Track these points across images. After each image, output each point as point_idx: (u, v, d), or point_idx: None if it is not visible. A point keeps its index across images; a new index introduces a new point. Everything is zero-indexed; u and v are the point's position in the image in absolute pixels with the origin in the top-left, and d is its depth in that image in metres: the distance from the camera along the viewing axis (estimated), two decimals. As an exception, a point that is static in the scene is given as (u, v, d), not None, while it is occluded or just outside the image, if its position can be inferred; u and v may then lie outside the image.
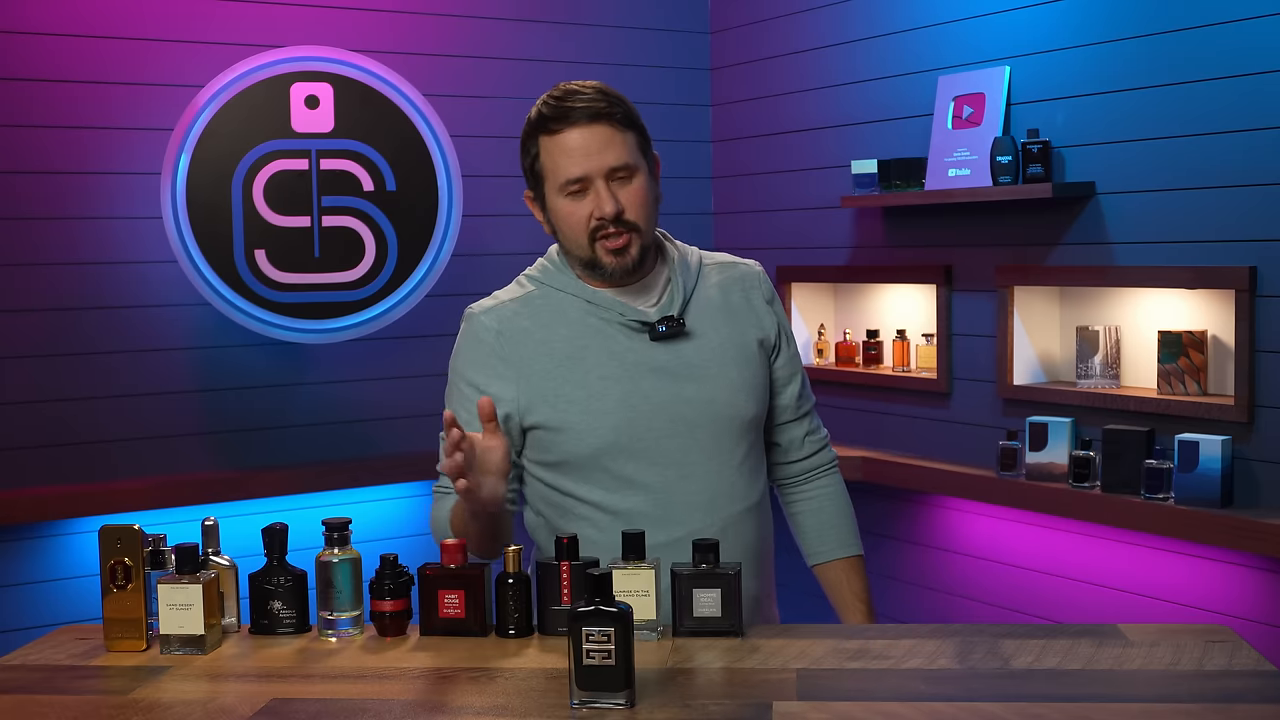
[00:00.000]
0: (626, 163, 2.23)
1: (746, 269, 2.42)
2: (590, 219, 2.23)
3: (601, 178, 2.22)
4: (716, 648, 2.04)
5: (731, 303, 2.36)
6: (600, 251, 2.24)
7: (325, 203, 4.22)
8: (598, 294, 2.29)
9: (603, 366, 2.25)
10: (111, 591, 2.11)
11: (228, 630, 2.20)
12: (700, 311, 2.32)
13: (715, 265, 2.40)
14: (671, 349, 2.28)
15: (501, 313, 2.35)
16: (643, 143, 2.28)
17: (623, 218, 2.22)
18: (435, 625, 2.15)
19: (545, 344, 2.28)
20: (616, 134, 2.23)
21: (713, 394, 2.27)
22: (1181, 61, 3.57)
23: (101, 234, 4.16)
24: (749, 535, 2.31)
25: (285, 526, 2.21)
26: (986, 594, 4.21)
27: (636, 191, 2.24)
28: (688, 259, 2.37)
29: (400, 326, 4.46)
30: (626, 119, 2.25)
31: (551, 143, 2.25)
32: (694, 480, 2.26)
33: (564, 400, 2.24)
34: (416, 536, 4.59)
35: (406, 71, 4.43)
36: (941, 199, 4.08)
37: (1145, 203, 3.68)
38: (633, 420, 2.24)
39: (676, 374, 2.26)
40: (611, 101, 2.25)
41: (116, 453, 4.22)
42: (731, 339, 2.32)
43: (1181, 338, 3.61)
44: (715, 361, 2.29)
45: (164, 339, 4.27)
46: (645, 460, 2.24)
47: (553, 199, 2.28)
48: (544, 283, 2.36)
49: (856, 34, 4.51)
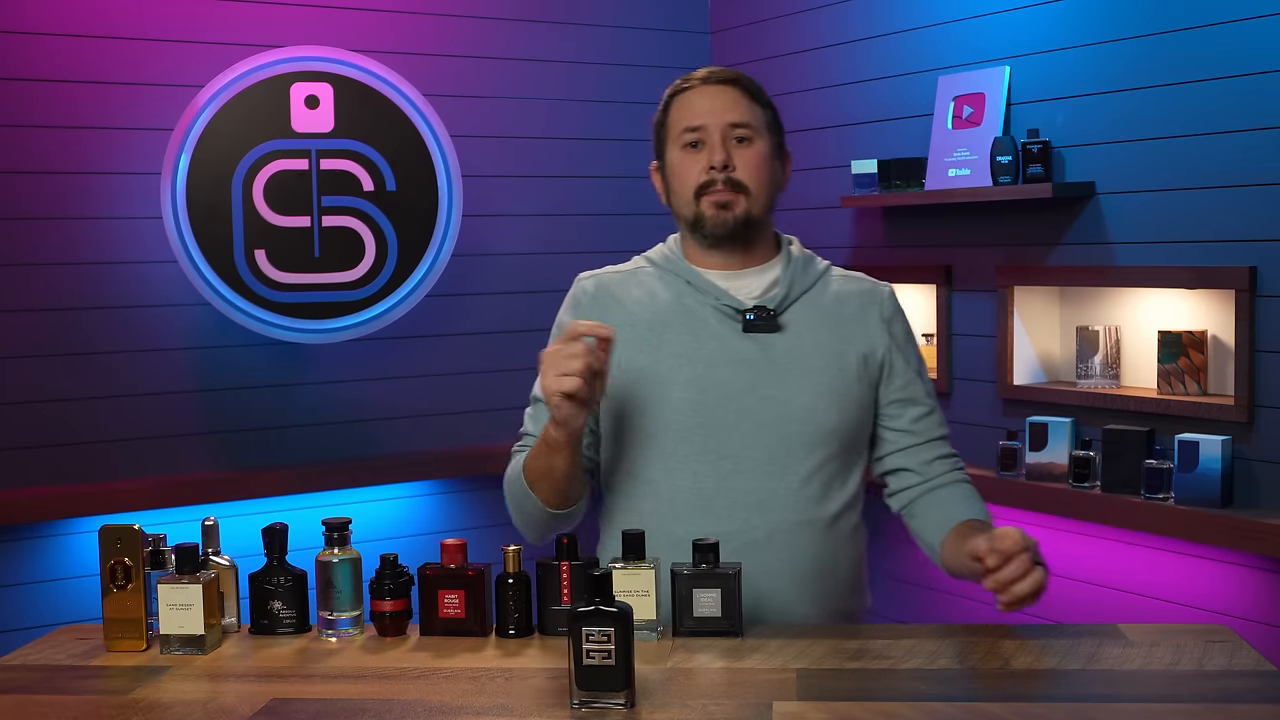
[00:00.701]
0: (748, 121, 2.23)
1: (872, 286, 2.35)
2: (701, 171, 2.22)
3: (719, 131, 2.22)
4: (716, 647, 2.04)
5: (843, 313, 2.29)
6: (704, 205, 2.23)
7: (325, 203, 4.22)
8: (700, 276, 2.27)
9: (681, 344, 2.23)
10: (111, 591, 2.11)
11: (228, 630, 2.20)
12: (805, 313, 2.26)
13: (842, 277, 2.35)
14: (760, 342, 2.23)
15: (602, 280, 2.35)
16: (774, 125, 2.29)
17: (732, 175, 2.21)
18: (435, 625, 2.15)
19: (632, 314, 2.27)
20: (744, 99, 2.25)
21: (789, 395, 2.21)
22: (1181, 61, 3.57)
23: (101, 234, 4.16)
24: (801, 552, 2.21)
25: (285, 526, 2.21)
26: (986, 594, 4.20)
27: (753, 155, 2.24)
28: (810, 264, 2.33)
29: (400, 326, 4.46)
30: (758, 96, 2.28)
31: (681, 98, 2.27)
32: (746, 478, 2.20)
33: (635, 370, 2.23)
34: (417, 536, 4.59)
35: (406, 71, 4.43)
36: (941, 199, 4.08)
37: (1145, 203, 3.68)
38: (698, 404, 2.20)
39: (756, 367, 2.22)
40: (750, 79, 2.28)
41: (116, 453, 4.22)
42: (828, 346, 2.25)
43: (1181, 338, 3.61)
44: (802, 363, 2.23)
45: (164, 339, 4.27)
46: (702, 447, 2.20)
47: (671, 156, 2.28)
48: (654, 262, 2.34)
49: (856, 34, 4.51)
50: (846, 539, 2.27)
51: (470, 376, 4.71)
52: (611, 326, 2.08)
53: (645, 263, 2.36)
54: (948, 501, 2.30)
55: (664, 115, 2.30)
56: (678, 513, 2.21)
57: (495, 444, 4.67)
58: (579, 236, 4.84)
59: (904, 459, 2.32)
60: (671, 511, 2.22)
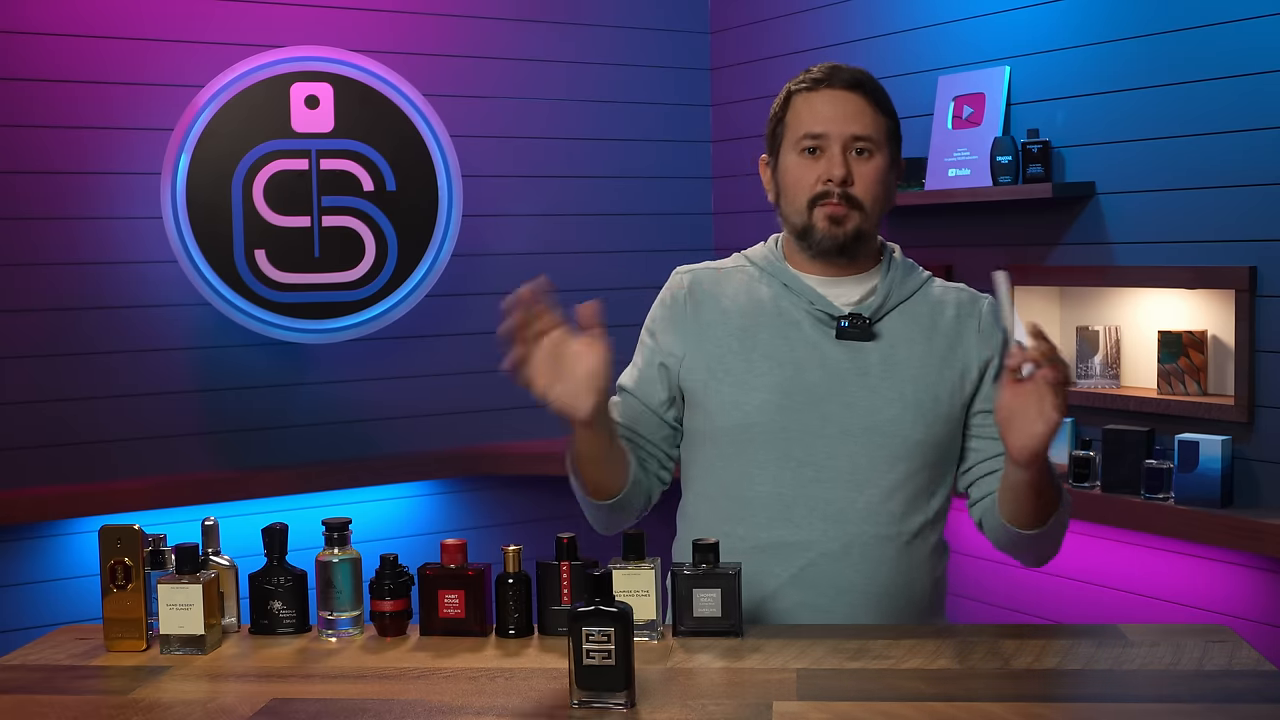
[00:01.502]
0: (871, 135, 2.16)
1: (972, 296, 2.29)
2: (817, 182, 2.16)
3: (840, 142, 2.15)
4: (716, 648, 2.04)
5: (940, 322, 2.23)
6: (817, 216, 2.16)
7: (325, 203, 4.22)
8: (798, 280, 2.22)
9: (771, 346, 2.19)
10: (111, 591, 2.11)
11: (228, 630, 2.20)
12: (902, 321, 2.21)
13: (942, 286, 2.29)
14: (853, 349, 2.18)
15: (699, 276, 2.29)
16: (893, 134, 2.21)
17: (849, 190, 2.15)
18: (435, 625, 2.15)
19: (725, 313, 2.23)
20: (870, 108, 2.17)
21: (878, 404, 2.15)
22: (1181, 61, 3.57)
23: (101, 234, 4.16)
24: (881, 569, 2.16)
25: (285, 526, 2.21)
26: (986, 594, 4.21)
27: (872, 170, 2.16)
28: (911, 273, 2.29)
29: (400, 326, 4.46)
30: (885, 104, 2.19)
31: (803, 100, 2.19)
32: (827, 487, 2.15)
33: (722, 369, 2.19)
34: (417, 536, 4.59)
35: (406, 71, 4.43)
36: (942, 199, 4.08)
37: (1145, 203, 3.68)
38: (782, 408, 2.15)
39: (845, 375, 2.17)
40: (876, 83, 2.20)
41: (116, 453, 4.22)
42: (922, 355, 2.20)
43: (1181, 338, 3.61)
44: (893, 373, 2.17)
45: (164, 339, 4.27)
46: (782, 452, 2.16)
47: (787, 157, 2.20)
48: (754, 261, 2.29)
49: (856, 34, 4.51)
50: (925, 557, 2.21)
51: (470, 376, 4.71)
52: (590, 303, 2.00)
53: (745, 261, 2.31)
54: None
55: (783, 112, 2.23)
56: (755, 517, 2.17)
57: (495, 444, 4.68)
58: (579, 236, 4.84)
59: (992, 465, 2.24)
60: (748, 515, 2.18)
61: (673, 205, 4.99)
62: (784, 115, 2.22)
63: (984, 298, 2.30)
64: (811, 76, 2.20)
